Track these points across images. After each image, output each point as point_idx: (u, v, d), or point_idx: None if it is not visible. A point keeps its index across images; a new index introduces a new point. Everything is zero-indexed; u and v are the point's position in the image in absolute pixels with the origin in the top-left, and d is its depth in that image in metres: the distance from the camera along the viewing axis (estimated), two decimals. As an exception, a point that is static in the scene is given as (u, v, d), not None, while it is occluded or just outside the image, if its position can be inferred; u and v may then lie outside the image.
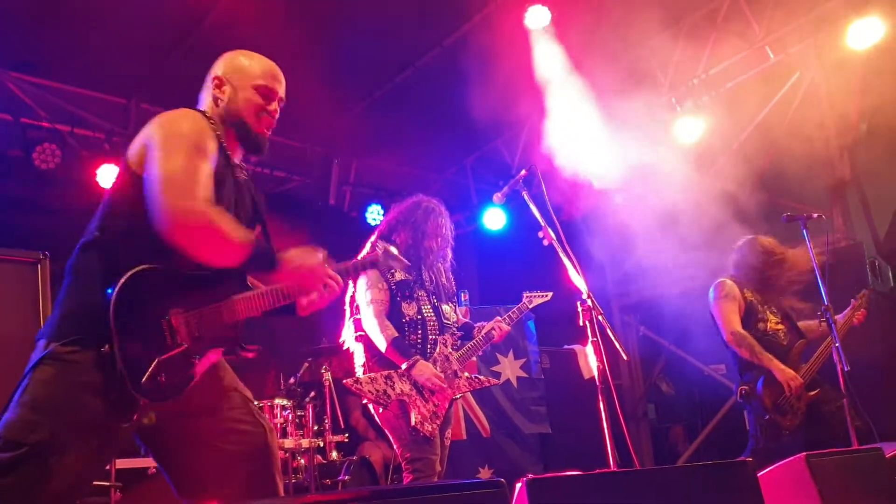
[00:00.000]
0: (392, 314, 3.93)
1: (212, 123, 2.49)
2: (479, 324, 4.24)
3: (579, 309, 3.69)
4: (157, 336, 2.23)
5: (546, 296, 4.38)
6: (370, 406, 3.87)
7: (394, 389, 3.76)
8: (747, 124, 7.02)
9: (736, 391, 4.89)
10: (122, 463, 4.93)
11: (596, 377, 3.61)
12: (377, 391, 3.74)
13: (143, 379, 2.15)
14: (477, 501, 1.89)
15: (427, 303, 4.02)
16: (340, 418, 6.07)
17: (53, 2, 5.41)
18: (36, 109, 6.19)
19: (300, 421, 5.74)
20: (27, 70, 6.13)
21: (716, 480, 2.48)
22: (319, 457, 5.74)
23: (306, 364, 6.24)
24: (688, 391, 8.23)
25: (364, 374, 3.92)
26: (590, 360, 7.28)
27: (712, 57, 6.85)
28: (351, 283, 4.12)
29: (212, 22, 5.82)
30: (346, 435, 6.01)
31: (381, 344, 3.83)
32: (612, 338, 3.61)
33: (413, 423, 3.70)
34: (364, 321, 3.95)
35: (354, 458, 6.03)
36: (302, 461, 5.63)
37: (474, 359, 4.51)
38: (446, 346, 3.97)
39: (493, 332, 4.13)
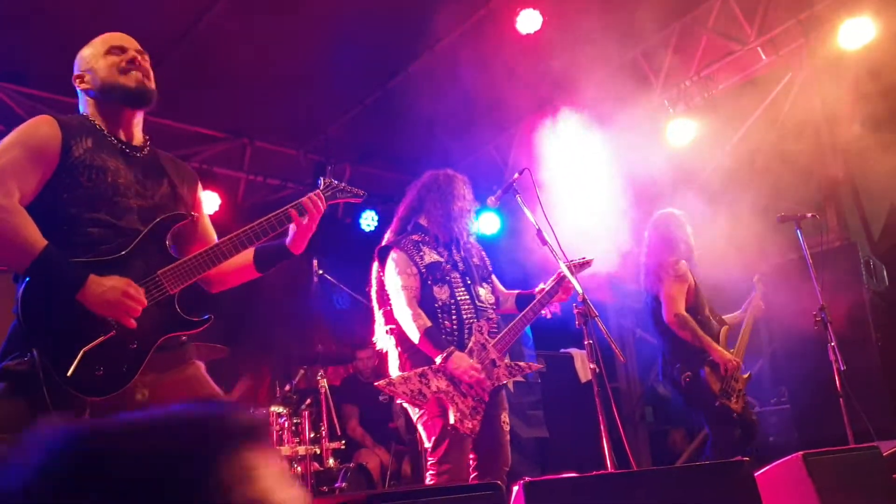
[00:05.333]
0: (424, 300, 3.71)
1: (85, 118, 2.48)
2: (539, 287, 3.90)
3: (575, 312, 3.69)
4: (79, 327, 2.17)
5: (587, 261, 4.08)
6: (406, 405, 3.69)
7: (429, 388, 3.53)
8: (740, 126, 7.03)
9: (678, 377, 4.76)
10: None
11: (593, 381, 3.60)
12: (412, 391, 3.52)
13: (69, 372, 2.10)
14: (473, 504, 1.89)
15: (461, 285, 3.78)
16: (337, 425, 6.05)
17: (44, 12, 5.41)
18: (27, 119, 6.17)
19: (296, 428, 5.72)
20: (18, 80, 6.12)
21: (713, 480, 2.47)
22: (316, 464, 5.71)
23: (302, 371, 6.22)
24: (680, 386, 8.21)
25: (399, 372, 3.71)
26: (587, 364, 7.28)
27: (704, 59, 6.86)
28: (376, 271, 3.96)
29: (200, 32, 5.81)
30: (343, 442, 5.98)
31: (414, 334, 3.62)
32: (609, 340, 3.60)
33: (452, 421, 3.48)
34: (395, 310, 3.73)
35: (351, 465, 6.00)
36: (298, 468, 5.61)
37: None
38: (482, 334, 3.70)
39: (542, 302, 3.81)
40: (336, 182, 2.78)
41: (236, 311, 6.09)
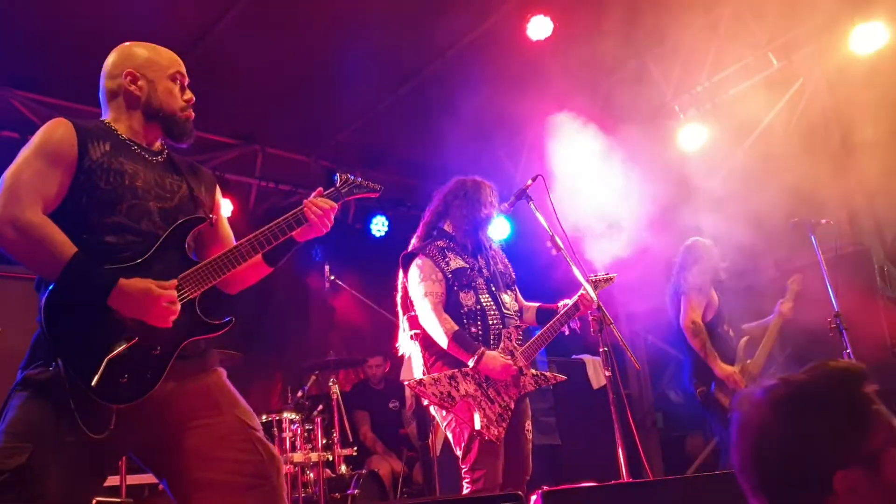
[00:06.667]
0: (449, 305, 3.69)
1: (103, 123, 2.47)
2: (563, 302, 3.91)
3: (589, 318, 3.68)
4: (102, 336, 2.17)
5: (611, 277, 4.17)
6: (433, 409, 3.68)
7: (458, 391, 3.51)
8: (751, 131, 7.01)
9: (693, 391, 5.05)
10: (132, 479, 4.92)
11: (607, 387, 3.58)
12: (441, 393, 3.50)
13: (95, 381, 2.10)
14: (495, 514, 1.88)
15: (485, 291, 3.77)
16: (349, 432, 6.05)
17: (58, 19, 5.43)
18: (41, 127, 6.20)
19: (308, 435, 5.72)
20: (33, 88, 6.15)
21: (732, 489, 2.45)
22: (328, 470, 5.72)
23: (313, 377, 6.23)
24: (697, 400, 8.18)
25: (426, 375, 3.69)
26: (599, 370, 7.26)
27: (715, 64, 6.84)
28: (401, 278, 3.92)
29: (213, 40, 5.83)
30: (355, 448, 5.98)
31: (442, 339, 3.61)
32: (625, 347, 3.59)
33: (478, 427, 3.46)
34: (421, 317, 3.72)
35: (363, 471, 6.00)
36: (311, 475, 5.61)
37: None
38: (511, 341, 3.69)
39: (567, 315, 3.81)
40: (352, 178, 2.80)
41: (248, 316, 6.11)
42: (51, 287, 2.17)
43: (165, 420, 2.30)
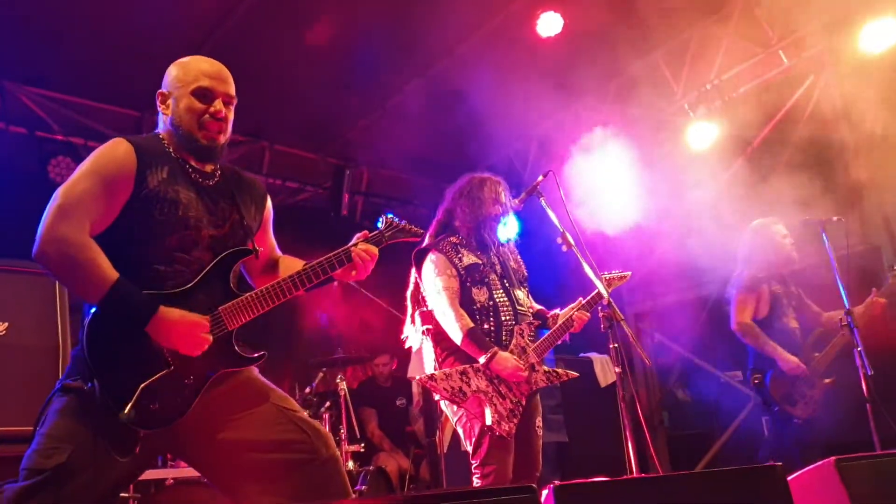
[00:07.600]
0: (462, 302, 3.68)
1: (160, 141, 2.47)
2: (553, 312, 3.93)
3: (600, 315, 3.66)
4: (138, 362, 2.21)
5: (625, 276, 4.15)
6: (443, 404, 3.69)
7: (469, 386, 3.53)
8: (761, 129, 6.98)
9: (748, 379, 5.07)
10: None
11: (617, 384, 3.57)
12: (452, 388, 3.52)
13: (128, 409, 2.14)
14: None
15: (499, 287, 3.76)
16: (356, 428, 6.04)
17: (67, 15, 5.44)
18: (50, 123, 6.21)
19: (316, 431, 5.71)
20: (41, 83, 6.16)
21: (745, 485, 2.44)
22: (336, 467, 5.70)
23: (321, 374, 6.22)
24: (704, 398, 8.16)
25: (437, 370, 3.70)
26: (607, 368, 7.22)
27: (725, 62, 6.81)
28: (413, 273, 3.92)
29: (224, 35, 5.83)
30: (362, 445, 5.98)
31: (457, 335, 3.60)
32: (635, 344, 3.58)
33: (489, 422, 3.47)
34: (437, 311, 3.71)
35: (371, 468, 6.00)
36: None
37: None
38: (523, 337, 3.69)
39: (573, 320, 3.80)
40: (396, 222, 2.81)
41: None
42: (94, 310, 2.22)
43: (198, 425, 2.33)
